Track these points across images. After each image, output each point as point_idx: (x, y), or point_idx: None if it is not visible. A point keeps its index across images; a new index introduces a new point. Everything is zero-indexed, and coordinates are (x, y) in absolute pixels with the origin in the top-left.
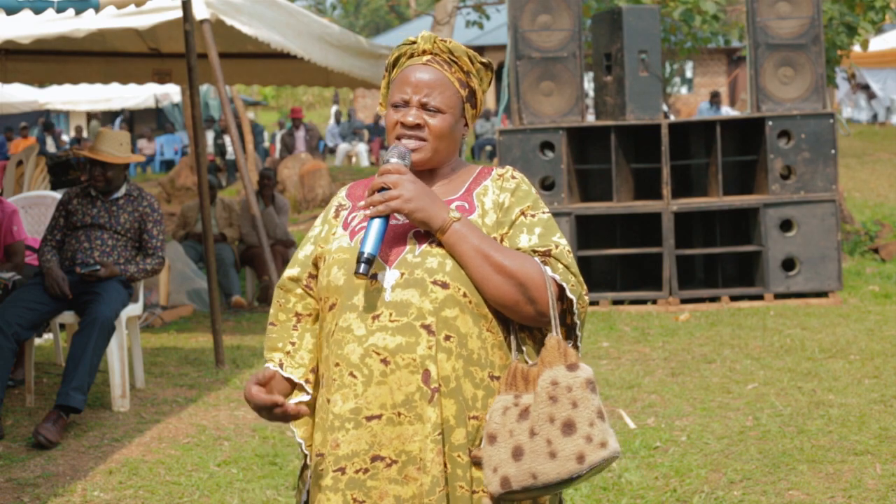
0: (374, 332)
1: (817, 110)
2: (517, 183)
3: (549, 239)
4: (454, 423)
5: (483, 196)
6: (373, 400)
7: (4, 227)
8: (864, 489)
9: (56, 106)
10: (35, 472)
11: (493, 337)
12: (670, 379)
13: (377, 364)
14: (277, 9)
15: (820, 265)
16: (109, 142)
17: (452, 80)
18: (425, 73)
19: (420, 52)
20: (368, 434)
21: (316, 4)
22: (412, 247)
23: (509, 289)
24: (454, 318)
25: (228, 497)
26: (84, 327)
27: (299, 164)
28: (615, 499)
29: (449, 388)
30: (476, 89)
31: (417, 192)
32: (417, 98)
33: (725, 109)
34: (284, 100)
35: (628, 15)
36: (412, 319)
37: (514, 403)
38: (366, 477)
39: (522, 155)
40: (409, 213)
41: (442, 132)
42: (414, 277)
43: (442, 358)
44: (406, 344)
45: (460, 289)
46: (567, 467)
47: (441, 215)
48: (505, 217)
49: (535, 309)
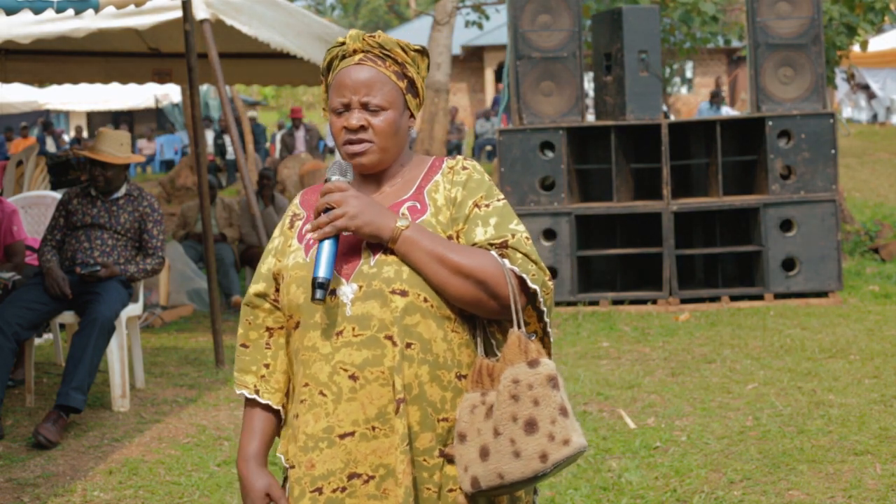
0: (340, 349)
1: (817, 110)
2: (468, 174)
3: (504, 228)
4: (418, 428)
5: (434, 193)
6: (344, 417)
7: (4, 227)
8: (864, 489)
9: (56, 106)
10: (35, 472)
11: (459, 336)
12: (670, 379)
13: (345, 381)
14: (277, 9)
15: (820, 265)
16: (109, 142)
17: (389, 74)
18: (361, 72)
19: (351, 51)
20: (343, 452)
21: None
22: (367, 258)
23: (469, 288)
24: (416, 324)
25: (228, 497)
26: (84, 327)
27: (299, 164)
28: (615, 499)
29: (412, 396)
30: (414, 78)
31: (362, 206)
32: (357, 98)
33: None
34: (284, 100)
35: (628, 15)
36: (375, 332)
37: (482, 402)
38: (344, 495)
39: (522, 155)
40: (357, 228)
41: (387, 130)
42: (372, 289)
43: (404, 366)
44: (373, 357)
45: (420, 294)
46: (531, 466)
47: (389, 225)
48: (458, 212)
49: (498, 304)
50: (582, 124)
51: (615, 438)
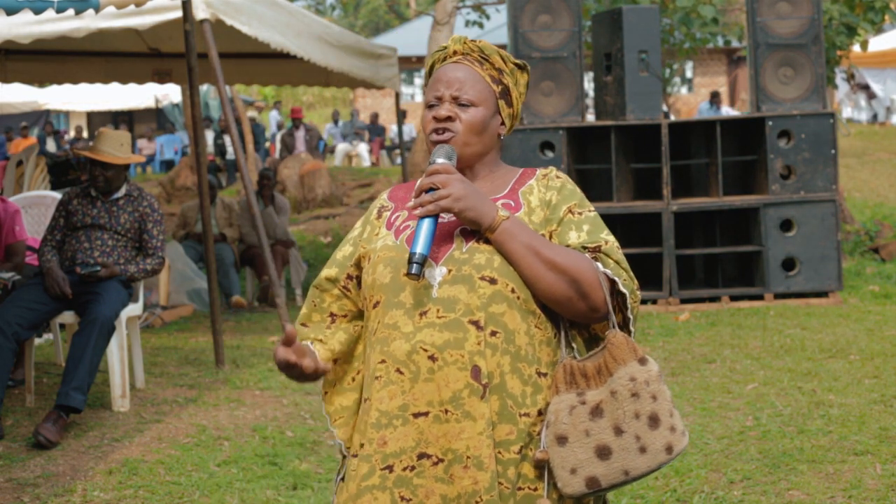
0: (422, 329)
1: (817, 110)
2: (562, 182)
3: (597, 235)
4: (497, 419)
5: (529, 195)
6: (420, 397)
7: (6, 226)
8: (864, 489)
9: (56, 106)
10: (35, 472)
11: (542, 333)
12: (670, 379)
13: (424, 361)
14: (277, 9)
15: (820, 265)
16: (110, 142)
17: (484, 75)
18: (456, 70)
19: (451, 53)
20: (415, 431)
21: (316, 4)
22: (459, 244)
23: (561, 285)
24: (502, 313)
25: (228, 497)
26: (84, 327)
27: (299, 164)
28: (615, 499)
29: (493, 385)
30: (510, 87)
31: (467, 190)
32: (449, 93)
33: (725, 109)
34: (284, 100)
35: (628, 15)
36: (460, 315)
37: (581, 402)
38: (412, 475)
39: (522, 155)
40: (459, 211)
41: (473, 124)
42: (461, 274)
43: (490, 354)
44: (454, 340)
45: (508, 284)
46: (658, 459)
47: (490, 213)
48: (553, 214)
49: (587, 305)
50: (582, 124)
51: None
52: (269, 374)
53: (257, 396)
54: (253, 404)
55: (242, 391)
